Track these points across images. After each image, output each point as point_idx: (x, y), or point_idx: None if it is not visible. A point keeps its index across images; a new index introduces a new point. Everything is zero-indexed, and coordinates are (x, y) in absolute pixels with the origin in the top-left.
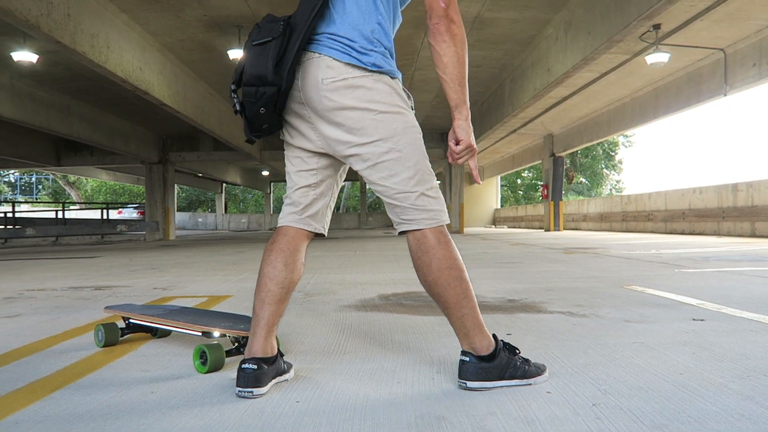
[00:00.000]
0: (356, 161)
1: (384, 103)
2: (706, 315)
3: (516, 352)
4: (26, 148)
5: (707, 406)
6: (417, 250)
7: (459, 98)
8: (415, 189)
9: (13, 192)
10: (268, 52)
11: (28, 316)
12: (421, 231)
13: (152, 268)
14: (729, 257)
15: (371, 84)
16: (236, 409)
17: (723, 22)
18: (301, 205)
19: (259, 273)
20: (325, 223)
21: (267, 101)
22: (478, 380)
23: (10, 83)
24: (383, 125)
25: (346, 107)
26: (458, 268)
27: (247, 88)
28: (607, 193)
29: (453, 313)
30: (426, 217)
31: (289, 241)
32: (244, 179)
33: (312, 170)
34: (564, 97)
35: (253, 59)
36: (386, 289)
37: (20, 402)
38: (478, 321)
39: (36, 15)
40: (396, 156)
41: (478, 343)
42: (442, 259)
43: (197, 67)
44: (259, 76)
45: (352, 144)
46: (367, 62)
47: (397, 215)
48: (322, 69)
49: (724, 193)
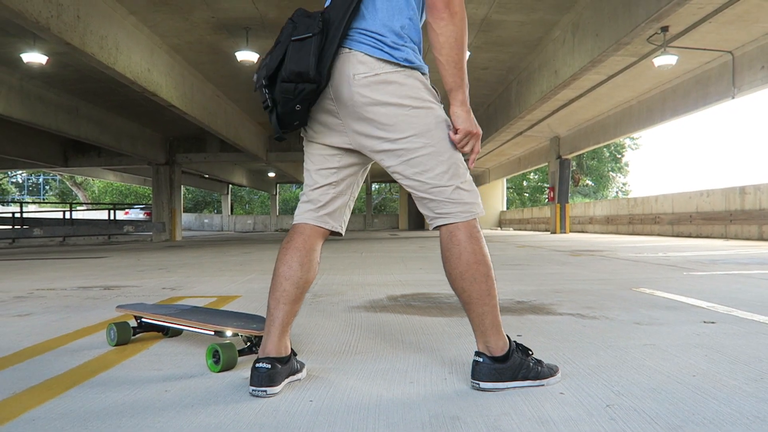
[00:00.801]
0: (388, 157)
1: (416, 98)
2: (717, 317)
3: (529, 353)
4: (34, 149)
5: (721, 408)
6: (448, 242)
7: (455, 82)
8: (450, 183)
9: (21, 192)
10: (309, 48)
11: (39, 315)
12: (454, 224)
13: (160, 268)
14: (737, 260)
15: (403, 79)
16: (251, 408)
17: (731, 24)
18: (320, 203)
19: (274, 272)
20: (343, 222)
21: (305, 98)
22: (491, 381)
23: (19, 85)
24: (417, 120)
25: (379, 103)
26: (486, 264)
27: (286, 84)
28: (614, 195)
29: (474, 309)
30: (462, 210)
31: (305, 239)
32: (250, 181)
33: (333, 169)
34: (571, 100)
35: (293, 55)
36: (394, 291)
37: (35, 399)
38: (497, 321)
39: (46, 17)
40: (430, 151)
41: (493, 343)
42: (471, 254)
43: (205, 68)
44: (300, 73)
45: (384, 140)
46: (399, 57)
47: (432, 210)
48: (353, 64)
49: (731, 196)
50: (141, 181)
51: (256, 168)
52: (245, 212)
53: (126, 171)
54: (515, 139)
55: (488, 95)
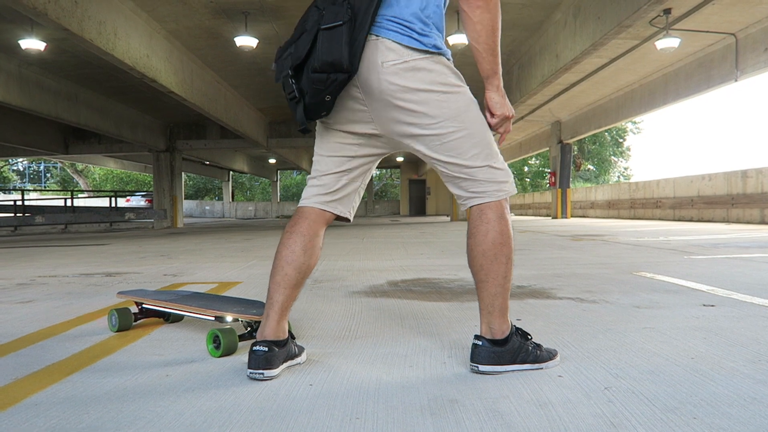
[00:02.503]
0: (421, 142)
1: (445, 84)
2: (716, 301)
3: (528, 337)
4: (34, 136)
5: (719, 390)
6: (477, 220)
7: (492, 68)
8: (485, 163)
9: (22, 180)
10: (341, 37)
11: (41, 301)
12: (487, 203)
13: (161, 255)
14: (738, 244)
15: (431, 66)
16: (251, 392)
17: (734, 6)
18: (331, 189)
19: (276, 255)
20: (352, 208)
21: (336, 88)
22: (490, 364)
23: (18, 71)
24: (447, 105)
25: (410, 89)
26: (510, 247)
27: (318, 74)
28: (615, 180)
29: (488, 289)
30: (496, 188)
31: (309, 224)
32: (251, 167)
33: (348, 157)
34: (572, 84)
35: (325, 44)
36: (395, 276)
37: (38, 384)
38: (506, 305)
39: (44, 2)
40: (464, 134)
41: (497, 326)
42: (499, 234)
43: (204, 54)
44: (333, 63)
45: (417, 125)
46: (428, 44)
47: (466, 189)
48: (381, 51)
49: (733, 180)
50: (142, 168)
51: (256, 154)
52: (246, 199)
53: (127, 158)
54: (516, 123)
55: None
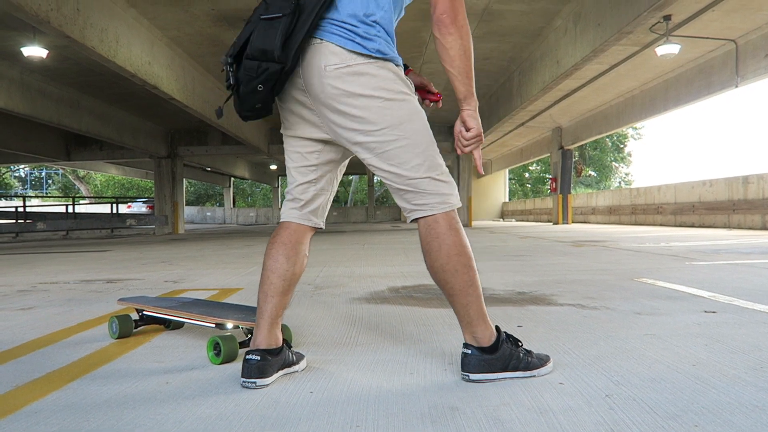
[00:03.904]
0: (363, 149)
1: (389, 90)
2: (718, 307)
3: (519, 344)
4: (36, 143)
5: (721, 397)
6: (427, 235)
7: (467, 90)
8: (427, 174)
9: (24, 187)
10: (277, 27)
11: (42, 308)
12: (433, 216)
13: (162, 261)
14: (740, 250)
15: (375, 71)
16: (251, 399)
17: (735, 12)
18: (302, 201)
19: (262, 266)
20: (323, 218)
21: (267, 78)
22: (480, 372)
23: (20, 78)
24: (390, 112)
25: (351, 94)
26: (467, 255)
27: (249, 61)
28: (616, 185)
29: (458, 301)
30: (438, 201)
31: (290, 233)
32: (252, 173)
33: (312, 166)
34: (573, 90)
35: (261, 33)
36: (396, 282)
37: (38, 392)
38: (482, 310)
39: (46, 10)
40: (404, 143)
41: (480, 333)
42: (451, 246)
43: (205, 61)
44: (265, 51)
45: (358, 132)
46: (371, 48)
47: (409, 201)
48: (325, 55)
49: (734, 186)
50: (143, 175)
51: (257, 161)
52: (247, 205)
53: (128, 164)
54: (517, 129)
55: (490, 86)
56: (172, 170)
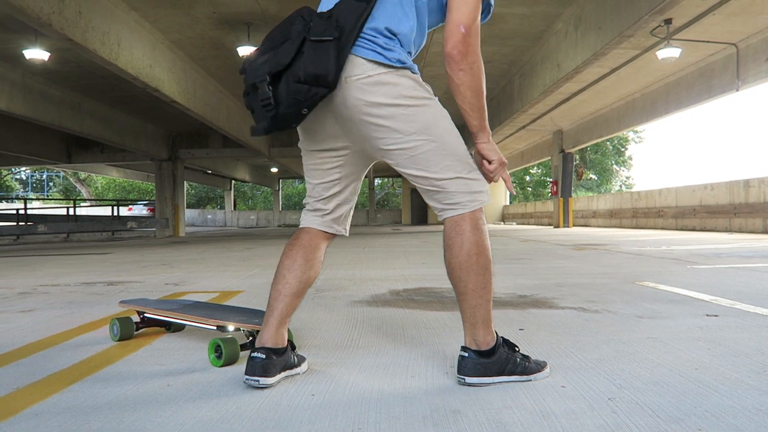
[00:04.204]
0: (391, 157)
1: (412, 97)
2: (720, 311)
3: (516, 348)
4: (38, 146)
5: (724, 401)
6: (451, 231)
7: (480, 124)
8: (457, 175)
9: (25, 189)
10: (329, 51)
11: (42, 310)
12: (461, 215)
13: (163, 264)
14: (741, 253)
15: (396, 79)
16: (253, 402)
17: (736, 16)
18: (326, 212)
19: (278, 265)
20: (347, 225)
21: (314, 102)
22: (476, 376)
23: (22, 81)
24: (415, 118)
25: (375, 104)
26: (487, 257)
27: (299, 85)
28: (617, 189)
29: (468, 301)
30: (470, 199)
31: (311, 238)
32: (253, 176)
33: (334, 180)
34: (573, 93)
35: (313, 57)
36: (397, 285)
37: (39, 394)
38: (488, 316)
39: (48, 13)
40: (432, 147)
41: (481, 337)
42: (473, 245)
43: (206, 64)
44: (318, 76)
45: (384, 140)
46: (392, 58)
47: (440, 201)
48: (345, 67)
49: (735, 189)
50: (144, 177)
51: (258, 163)
52: (248, 208)
53: (129, 167)
54: (518, 133)
55: (491, 89)
56: (173, 173)
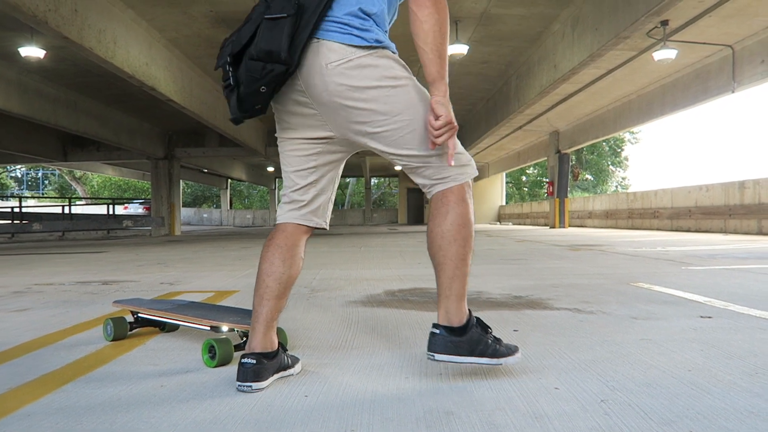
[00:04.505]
0: (376, 139)
1: (393, 77)
2: (714, 312)
3: (488, 330)
4: (33, 144)
5: (716, 403)
6: (437, 202)
7: (438, 72)
8: (444, 149)
9: (20, 187)
10: (283, 28)
11: (36, 310)
12: (449, 188)
13: (158, 263)
14: (736, 255)
15: (376, 61)
16: (246, 403)
17: (732, 18)
18: (302, 203)
19: (258, 269)
20: (326, 217)
21: (272, 80)
22: (446, 353)
23: (17, 79)
24: (397, 98)
25: (357, 88)
26: (468, 229)
27: (253, 62)
28: (613, 190)
29: (445, 272)
30: (458, 172)
31: (287, 237)
32: (249, 175)
33: (311, 168)
34: (570, 94)
35: (265, 34)
36: (392, 285)
37: (32, 394)
38: (463, 290)
39: (43, 10)
40: (417, 125)
41: (454, 311)
42: (458, 215)
43: (203, 62)
44: (270, 52)
45: (369, 123)
46: (369, 38)
47: (429, 177)
48: (323, 53)
49: (731, 191)
50: (140, 176)
51: (255, 162)
52: (244, 207)
53: (125, 165)
54: (514, 133)
55: (488, 90)
56: (169, 172)
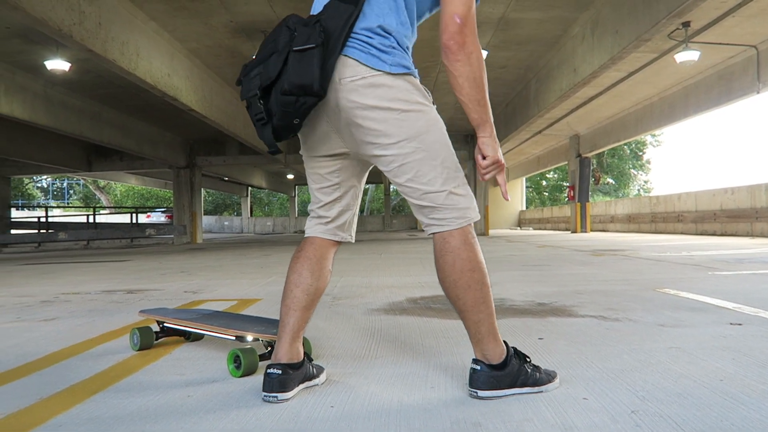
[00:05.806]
0: (381, 162)
1: (406, 101)
2: (744, 319)
3: (527, 359)
4: (59, 154)
5: (751, 414)
6: (441, 249)
7: (480, 118)
8: (444, 188)
9: (46, 197)
10: (312, 59)
11: (64, 319)
12: (449, 231)
13: (182, 271)
14: (764, 259)
15: (391, 82)
16: (272, 414)
17: (755, 17)
18: (328, 219)
19: (285, 280)
20: (352, 231)
21: (305, 112)
22: (489, 389)
23: (44, 91)
24: (407, 124)
25: (367, 107)
26: (481, 271)
27: (287, 97)
28: (635, 193)
29: (469, 317)
30: (456, 215)
31: (315, 249)
32: (269, 183)
33: (334, 185)
34: (590, 97)
35: (296, 66)
36: (414, 293)
37: (61, 404)
38: (493, 328)
39: (69, 24)
40: (422, 156)
41: (491, 351)
42: (465, 261)
43: (223, 72)
44: (303, 86)
45: (376, 145)
46: (387, 60)
47: (426, 215)
48: (338, 69)
49: (757, 193)
50: (162, 185)
51: (274, 170)
52: (264, 214)
53: (147, 175)
54: (534, 137)
55: (507, 94)
56: (191, 180)
